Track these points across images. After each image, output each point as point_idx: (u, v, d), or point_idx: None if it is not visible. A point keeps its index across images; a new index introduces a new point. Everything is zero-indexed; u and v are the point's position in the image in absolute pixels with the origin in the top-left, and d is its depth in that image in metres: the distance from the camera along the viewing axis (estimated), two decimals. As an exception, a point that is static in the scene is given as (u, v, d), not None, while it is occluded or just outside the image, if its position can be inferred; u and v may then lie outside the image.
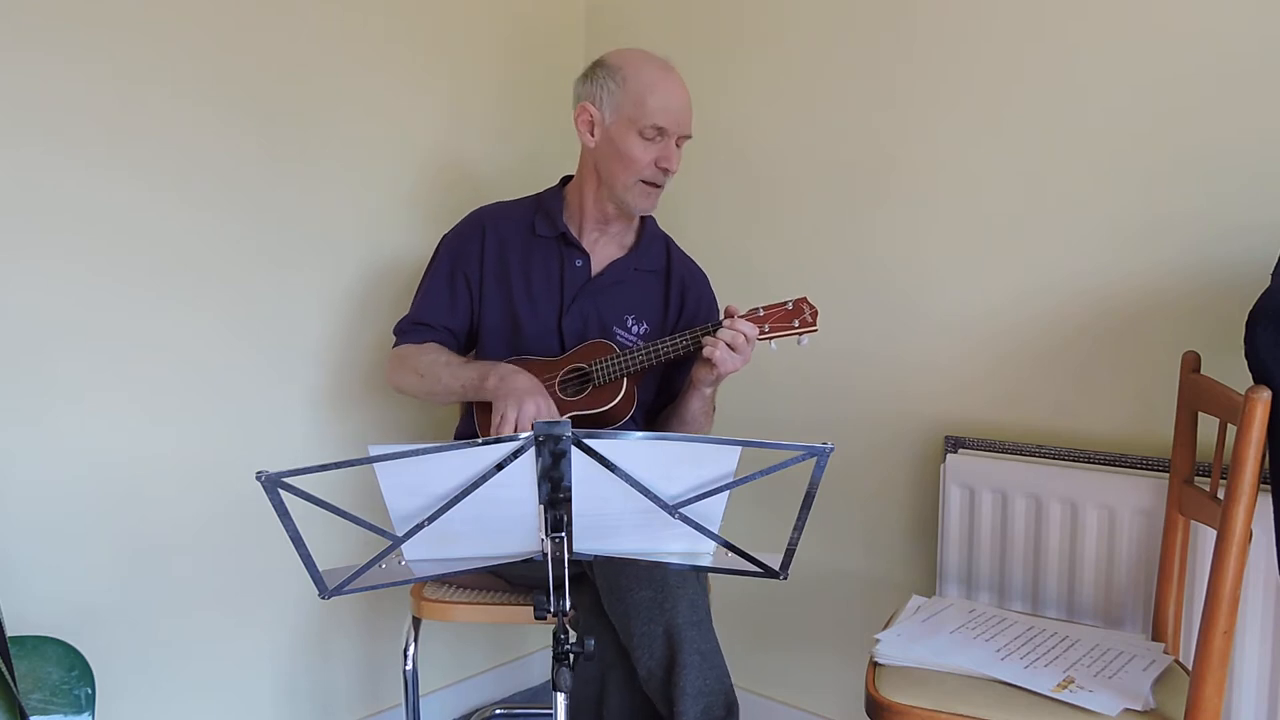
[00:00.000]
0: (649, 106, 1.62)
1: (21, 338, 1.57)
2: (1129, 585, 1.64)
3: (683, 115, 1.65)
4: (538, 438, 1.07)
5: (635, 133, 1.63)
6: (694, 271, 1.84)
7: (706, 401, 1.70)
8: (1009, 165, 1.77)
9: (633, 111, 1.63)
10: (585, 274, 1.74)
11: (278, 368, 1.89)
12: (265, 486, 1.03)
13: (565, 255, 1.74)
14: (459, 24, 2.12)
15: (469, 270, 1.75)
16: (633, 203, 1.68)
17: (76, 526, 1.64)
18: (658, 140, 1.64)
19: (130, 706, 1.72)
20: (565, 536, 1.13)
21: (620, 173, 1.66)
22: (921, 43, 1.86)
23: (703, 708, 1.38)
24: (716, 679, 1.40)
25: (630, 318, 1.75)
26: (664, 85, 1.64)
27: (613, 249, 1.78)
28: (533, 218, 1.77)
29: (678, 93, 1.65)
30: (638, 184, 1.66)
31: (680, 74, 1.69)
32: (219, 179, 1.77)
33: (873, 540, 2.00)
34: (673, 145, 1.65)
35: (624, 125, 1.64)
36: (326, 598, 1.12)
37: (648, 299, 1.77)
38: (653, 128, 1.62)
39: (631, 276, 1.76)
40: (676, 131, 1.65)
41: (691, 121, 1.68)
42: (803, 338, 1.59)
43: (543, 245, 1.75)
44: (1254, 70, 1.52)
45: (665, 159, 1.64)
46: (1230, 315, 1.53)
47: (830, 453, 1.07)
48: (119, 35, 1.62)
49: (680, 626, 1.40)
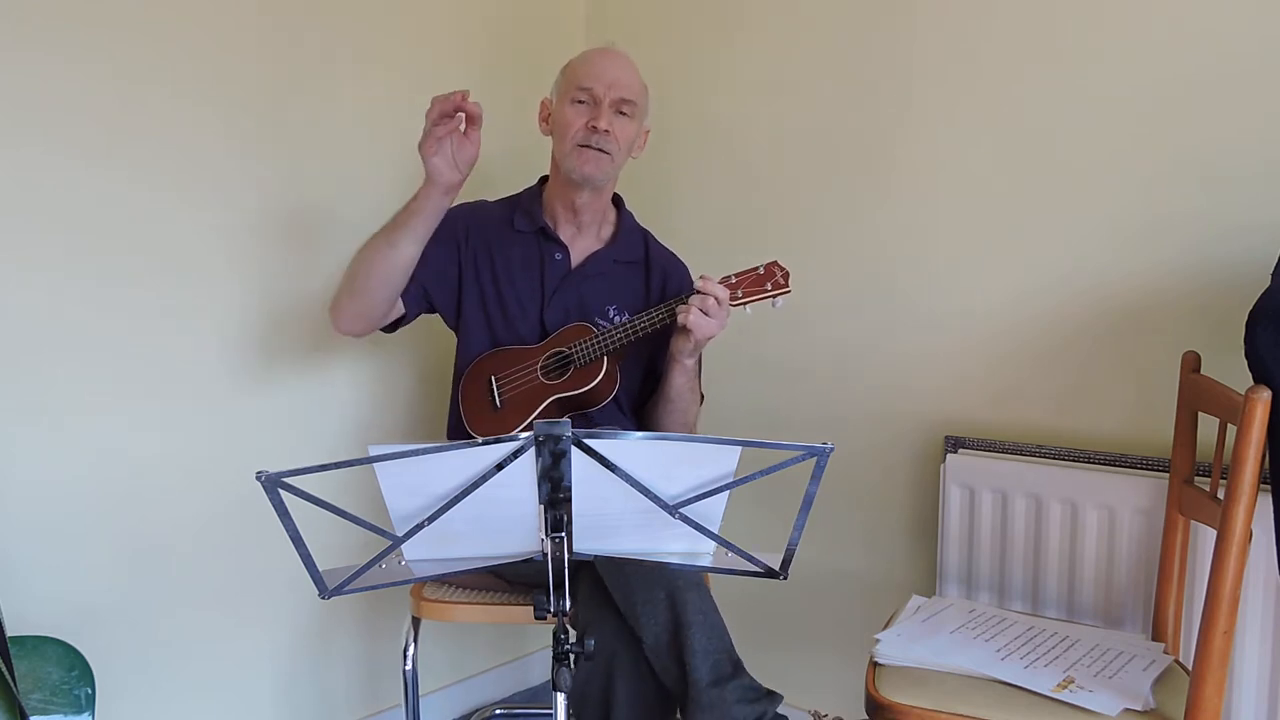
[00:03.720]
0: (577, 74, 1.70)
1: (21, 338, 1.56)
2: (1129, 585, 1.63)
3: (614, 79, 1.68)
4: (538, 438, 1.07)
5: (568, 101, 1.69)
6: (673, 262, 1.86)
7: (690, 376, 1.71)
8: (1009, 164, 1.77)
9: (565, 85, 1.72)
10: (565, 266, 1.76)
11: (278, 367, 1.89)
12: (265, 486, 1.03)
13: (544, 249, 1.77)
14: (460, 23, 2.12)
15: (444, 250, 1.72)
16: (573, 168, 1.68)
17: (77, 526, 1.64)
18: (588, 105, 1.68)
19: (130, 706, 1.72)
20: (565, 536, 1.13)
21: (560, 142, 1.71)
22: (922, 41, 1.86)
23: (711, 664, 1.38)
24: (719, 638, 1.41)
25: (612, 308, 1.76)
26: (594, 56, 1.73)
27: (590, 241, 1.80)
28: (512, 215, 1.80)
29: (607, 61, 1.71)
30: (574, 149, 1.68)
31: (630, 58, 1.74)
32: (221, 179, 1.77)
33: (873, 540, 2.00)
34: (604, 108, 1.67)
35: (561, 99, 1.72)
36: (326, 598, 1.12)
37: (628, 289, 1.79)
38: (580, 89, 1.68)
39: (611, 268, 1.79)
40: (607, 94, 1.67)
41: (633, 90, 1.71)
42: (777, 300, 1.62)
43: (522, 240, 1.78)
44: (1254, 70, 1.52)
45: (594, 118, 1.67)
46: (1230, 315, 1.52)
47: (830, 453, 1.07)
48: (119, 35, 1.62)
49: (681, 589, 1.41)
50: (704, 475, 1.12)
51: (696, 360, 1.72)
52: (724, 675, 1.38)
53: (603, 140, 1.67)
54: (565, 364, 1.67)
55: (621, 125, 1.69)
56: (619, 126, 1.69)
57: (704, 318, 1.57)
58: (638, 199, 1.91)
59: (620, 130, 1.69)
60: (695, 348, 1.65)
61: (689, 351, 1.65)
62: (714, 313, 1.58)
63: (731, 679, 1.38)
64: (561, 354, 1.68)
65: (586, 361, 1.65)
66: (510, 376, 1.70)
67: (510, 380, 1.70)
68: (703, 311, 1.57)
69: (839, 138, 1.98)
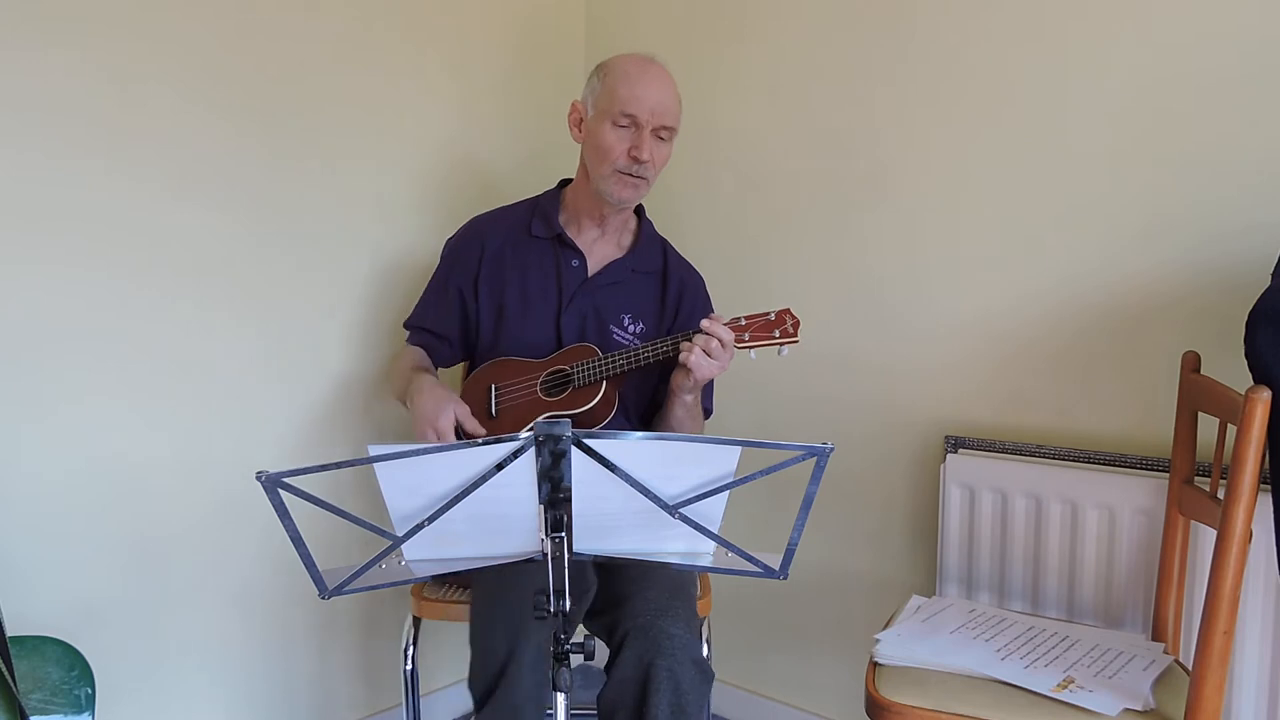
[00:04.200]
0: (620, 95, 1.64)
1: (21, 338, 1.57)
2: (1129, 585, 1.63)
3: (656, 105, 1.64)
4: (538, 438, 1.07)
5: (609, 122, 1.64)
6: (691, 274, 1.84)
7: (689, 409, 1.69)
8: (1009, 165, 1.77)
9: (606, 102, 1.65)
10: (582, 274, 1.75)
11: (279, 367, 1.89)
12: (265, 487, 1.03)
13: (561, 255, 1.75)
14: (460, 23, 2.12)
15: (463, 281, 1.77)
16: (610, 192, 1.67)
17: (77, 526, 1.64)
18: (630, 129, 1.64)
19: (130, 706, 1.72)
20: (565, 536, 1.13)
21: (598, 163, 1.67)
22: (920, 45, 1.85)
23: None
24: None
25: (627, 317, 1.75)
26: (638, 76, 1.65)
27: (610, 249, 1.78)
28: (529, 220, 1.79)
29: (652, 83, 1.65)
30: (614, 174, 1.66)
31: (669, 71, 1.69)
32: (221, 179, 1.77)
33: (873, 540, 2.00)
34: (646, 135, 1.64)
35: (600, 116, 1.66)
36: (326, 598, 1.12)
37: (645, 299, 1.78)
38: (623, 115, 1.63)
39: (629, 277, 1.77)
40: (650, 121, 1.64)
41: (673, 114, 1.67)
42: (783, 348, 1.60)
43: (539, 246, 1.77)
44: (1254, 70, 1.52)
45: (636, 147, 1.64)
46: (1230, 315, 1.53)
47: (830, 453, 1.07)
48: (120, 35, 1.62)
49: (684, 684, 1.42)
50: (704, 475, 1.12)
51: (696, 395, 1.69)
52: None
53: (643, 169, 1.66)
54: (565, 382, 1.66)
55: (660, 150, 1.68)
56: (658, 151, 1.67)
57: (705, 358, 1.55)
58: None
59: (658, 155, 1.68)
60: (694, 386, 1.63)
61: (688, 389, 1.63)
62: (717, 355, 1.56)
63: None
64: (563, 372, 1.67)
65: (585, 383, 1.63)
66: (510, 387, 1.70)
67: (509, 391, 1.69)
68: (705, 352, 1.55)
69: (841, 140, 1.98)
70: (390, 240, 2.04)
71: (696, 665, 1.44)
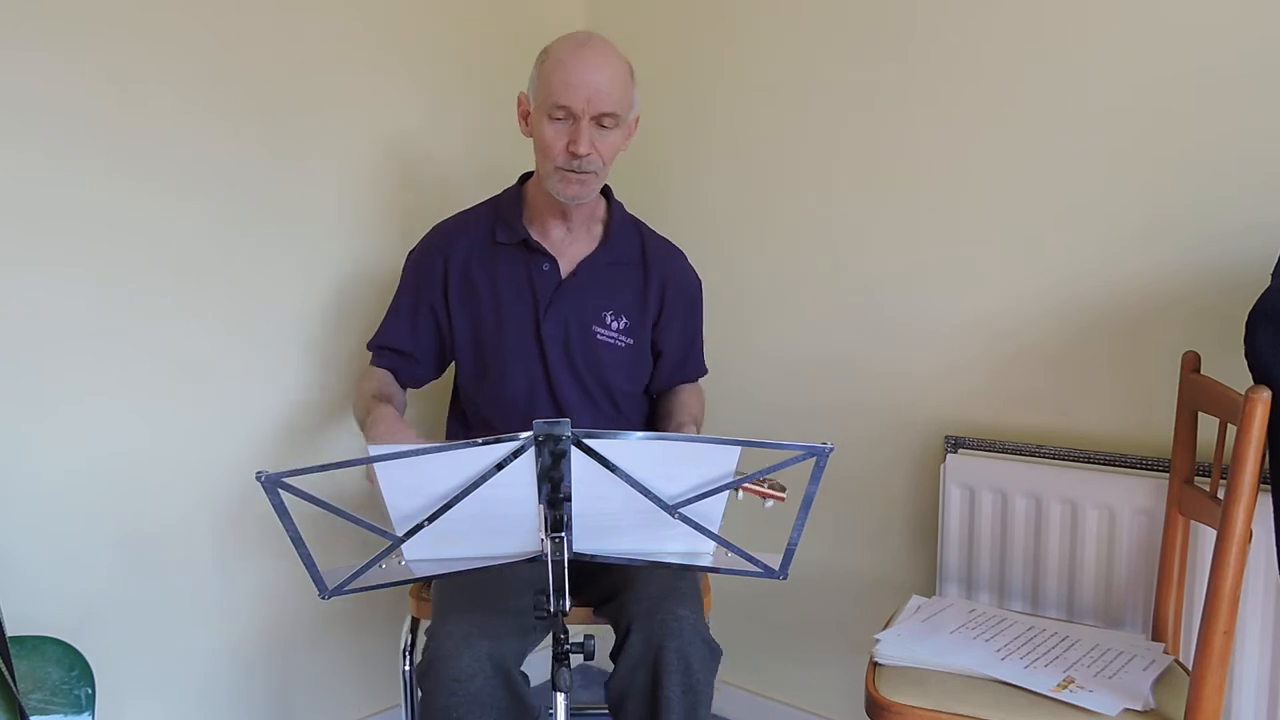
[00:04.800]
0: (553, 85, 1.53)
1: (22, 337, 1.57)
2: (1129, 585, 1.63)
3: (592, 92, 1.51)
4: (537, 438, 1.07)
5: (545, 116, 1.54)
6: (672, 259, 1.77)
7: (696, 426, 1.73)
8: (1009, 165, 1.77)
9: (542, 94, 1.55)
10: (555, 277, 1.67)
11: (279, 367, 1.89)
12: (265, 487, 1.03)
13: (531, 262, 1.67)
14: (458, 21, 2.12)
15: (433, 297, 1.70)
16: (556, 190, 1.58)
17: (77, 526, 1.64)
18: (567, 121, 1.53)
19: (130, 706, 1.72)
20: (565, 536, 1.13)
21: (541, 160, 1.59)
22: (920, 46, 1.85)
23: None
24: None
25: (609, 314, 1.69)
26: (571, 61, 1.52)
27: (581, 244, 1.69)
28: (492, 225, 1.69)
29: (585, 68, 1.52)
30: (556, 170, 1.56)
31: (612, 50, 1.56)
32: (217, 180, 1.77)
33: (873, 540, 2.00)
34: (583, 127, 1.52)
35: (539, 110, 1.56)
36: (326, 598, 1.12)
37: (625, 291, 1.71)
38: (557, 107, 1.52)
39: (605, 271, 1.69)
40: (586, 110, 1.52)
41: (614, 99, 1.54)
42: (767, 501, 1.52)
43: (506, 253, 1.68)
44: (1254, 70, 1.52)
45: (574, 141, 1.52)
46: (1230, 315, 1.53)
47: (830, 452, 1.07)
48: (120, 35, 1.62)
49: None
50: (704, 475, 1.12)
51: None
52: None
53: (586, 163, 1.55)
54: None
55: (605, 139, 1.56)
56: (602, 141, 1.56)
57: None
58: (634, 194, 1.90)
59: (604, 145, 1.56)
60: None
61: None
62: None
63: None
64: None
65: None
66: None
67: None
68: None
69: (840, 136, 1.98)
70: (386, 239, 2.03)
71: (705, 644, 1.43)
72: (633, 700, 1.43)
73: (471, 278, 1.68)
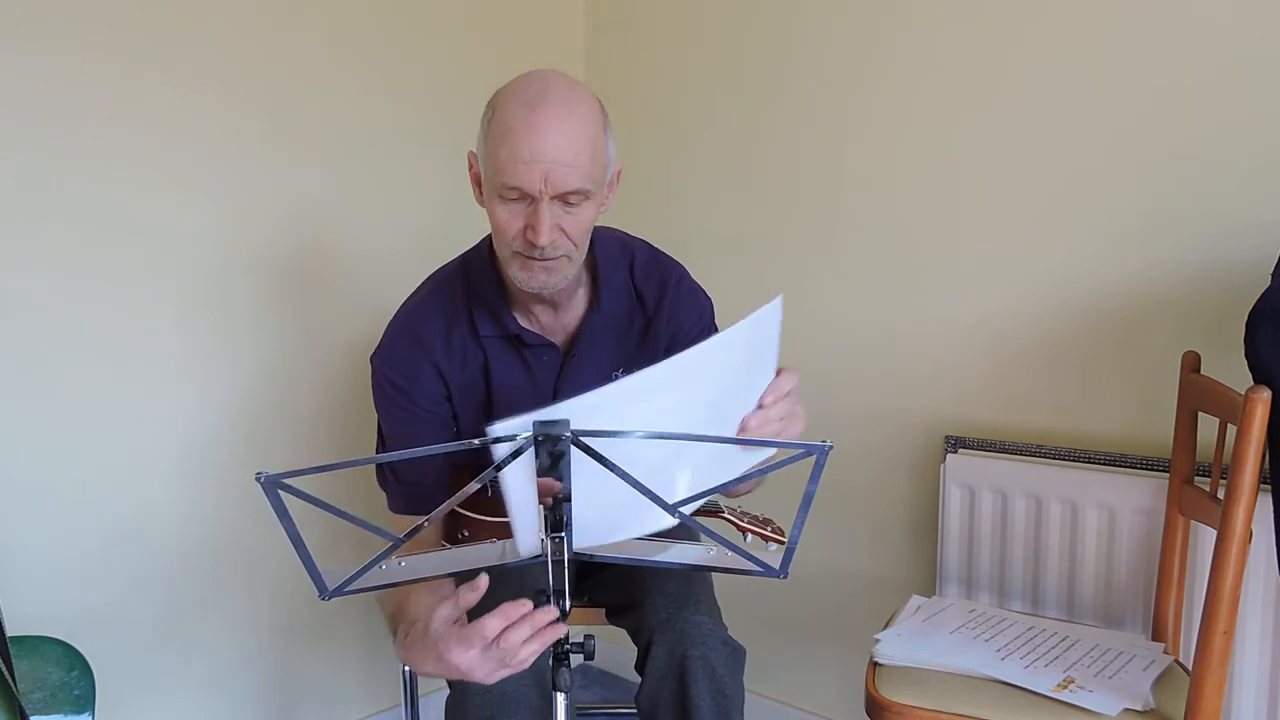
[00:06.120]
0: (500, 160, 1.21)
1: (21, 337, 1.57)
2: (1129, 585, 1.63)
3: (550, 168, 1.19)
4: (537, 438, 1.07)
5: (496, 195, 1.24)
6: (667, 280, 1.48)
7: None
8: (1008, 165, 1.77)
9: (491, 167, 1.24)
10: (556, 361, 1.44)
11: (280, 368, 1.89)
12: (265, 487, 1.03)
13: (526, 354, 1.42)
14: (459, 22, 2.12)
15: (434, 406, 1.42)
16: (518, 279, 1.29)
17: (76, 526, 1.65)
18: (522, 202, 1.23)
19: (130, 706, 1.72)
20: (565, 536, 1.13)
21: (497, 242, 1.30)
22: (920, 46, 1.85)
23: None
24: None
25: (619, 372, 1.45)
26: (521, 130, 1.19)
27: (575, 309, 1.42)
28: (470, 314, 1.40)
29: (538, 139, 1.19)
30: (514, 256, 1.27)
31: (574, 103, 1.22)
32: (222, 178, 1.77)
33: (873, 540, 2.00)
34: (542, 211, 1.21)
35: (488, 185, 1.26)
36: (327, 598, 1.12)
37: (626, 343, 1.48)
38: (508, 188, 1.21)
39: (603, 334, 1.45)
40: (545, 192, 1.20)
41: (580, 172, 1.21)
42: (770, 544, 1.57)
43: (495, 346, 1.41)
44: (1254, 68, 1.52)
45: (531, 227, 1.22)
46: (1230, 315, 1.53)
47: (829, 451, 1.07)
48: (121, 33, 1.62)
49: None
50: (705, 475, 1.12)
51: None
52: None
53: (549, 250, 1.24)
54: None
55: (573, 218, 1.24)
56: (570, 220, 1.24)
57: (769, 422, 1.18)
58: (630, 199, 1.90)
59: (573, 225, 1.25)
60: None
61: None
62: (783, 417, 1.21)
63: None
64: None
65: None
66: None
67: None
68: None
69: (840, 137, 1.98)
70: (387, 240, 2.04)
71: (727, 646, 1.41)
72: (664, 711, 1.41)
73: (471, 377, 1.43)
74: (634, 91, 2.26)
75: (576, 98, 1.24)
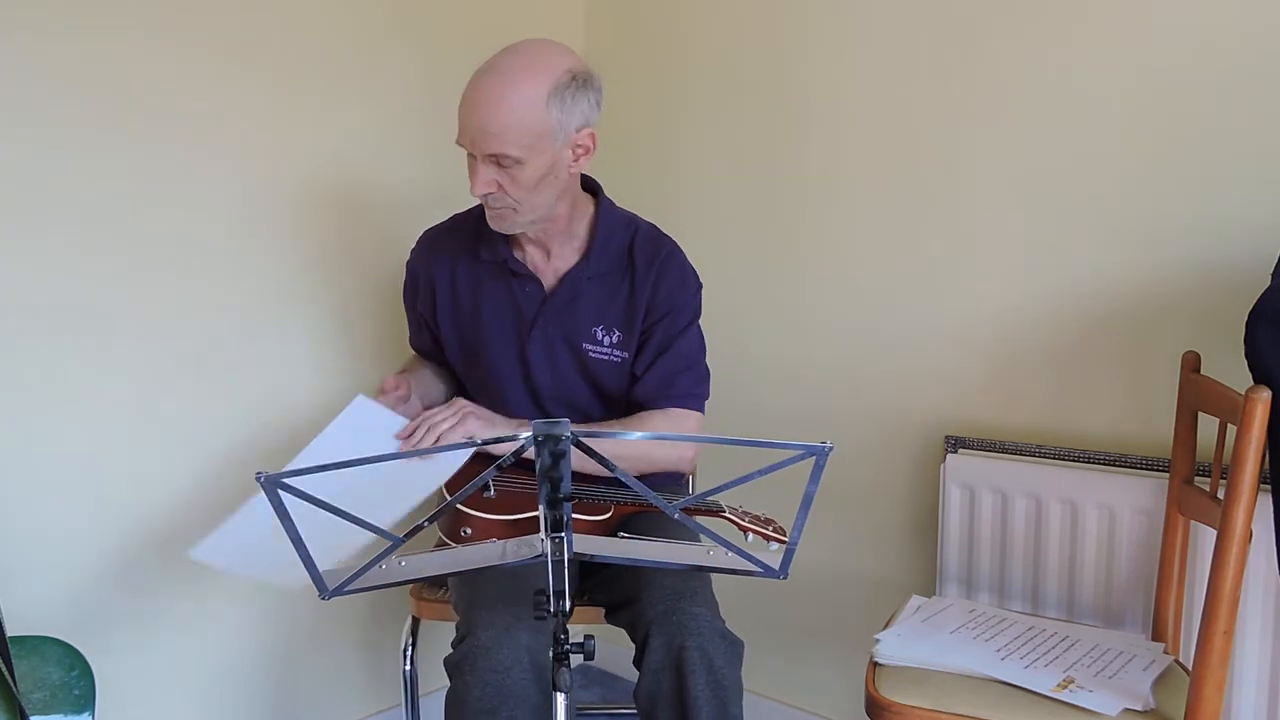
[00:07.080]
0: (458, 119, 1.47)
1: (20, 337, 1.57)
2: (1129, 585, 1.63)
3: (476, 131, 1.43)
4: (537, 438, 1.07)
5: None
6: (666, 261, 1.63)
7: None
8: (1009, 165, 1.77)
9: None
10: (539, 295, 1.62)
11: (280, 367, 1.89)
12: (265, 487, 1.03)
13: (513, 283, 1.63)
14: (460, 17, 2.12)
15: (425, 310, 1.72)
16: (489, 220, 1.54)
17: (76, 526, 1.64)
18: (474, 158, 1.47)
19: (130, 706, 1.72)
20: (565, 536, 1.13)
21: None
22: (920, 46, 1.85)
23: None
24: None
25: (599, 329, 1.62)
26: (464, 97, 1.46)
27: (566, 256, 1.62)
28: (477, 241, 1.65)
29: (470, 104, 1.44)
30: (482, 200, 1.52)
31: (509, 78, 1.42)
32: (224, 176, 1.77)
33: (873, 540, 2.00)
34: (477, 166, 1.45)
35: None
36: (327, 598, 1.12)
37: (613, 304, 1.62)
38: (460, 145, 1.48)
39: (590, 285, 1.61)
40: (477, 150, 1.45)
41: (501, 138, 1.42)
42: (771, 544, 1.55)
43: (490, 270, 1.64)
44: (1254, 69, 1.52)
45: (470, 179, 1.48)
46: (1230, 315, 1.53)
47: (830, 452, 1.07)
48: (131, 20, 1.62)
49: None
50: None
51: None
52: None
53: (496, 200, 1.48)
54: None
55: (512, 176, 1.45)
56: (506, 179, 1.46)
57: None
58: (631, 194, 1.89)
59: (512, 182, 1.46)
60: None
61: None
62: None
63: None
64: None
65: (592, 500, 1.55)
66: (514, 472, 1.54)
67: (511, 476, 1.56)
68: None
69: (840, 138, 1.98)
70: (389, 236, 2.03)
71: (725, 638, 1.42)
72: (662, 705, 1.41)
73: (458, 296, 1.67)
74: (634, 92, 2.26)
75: (521, 70, 1.43)
